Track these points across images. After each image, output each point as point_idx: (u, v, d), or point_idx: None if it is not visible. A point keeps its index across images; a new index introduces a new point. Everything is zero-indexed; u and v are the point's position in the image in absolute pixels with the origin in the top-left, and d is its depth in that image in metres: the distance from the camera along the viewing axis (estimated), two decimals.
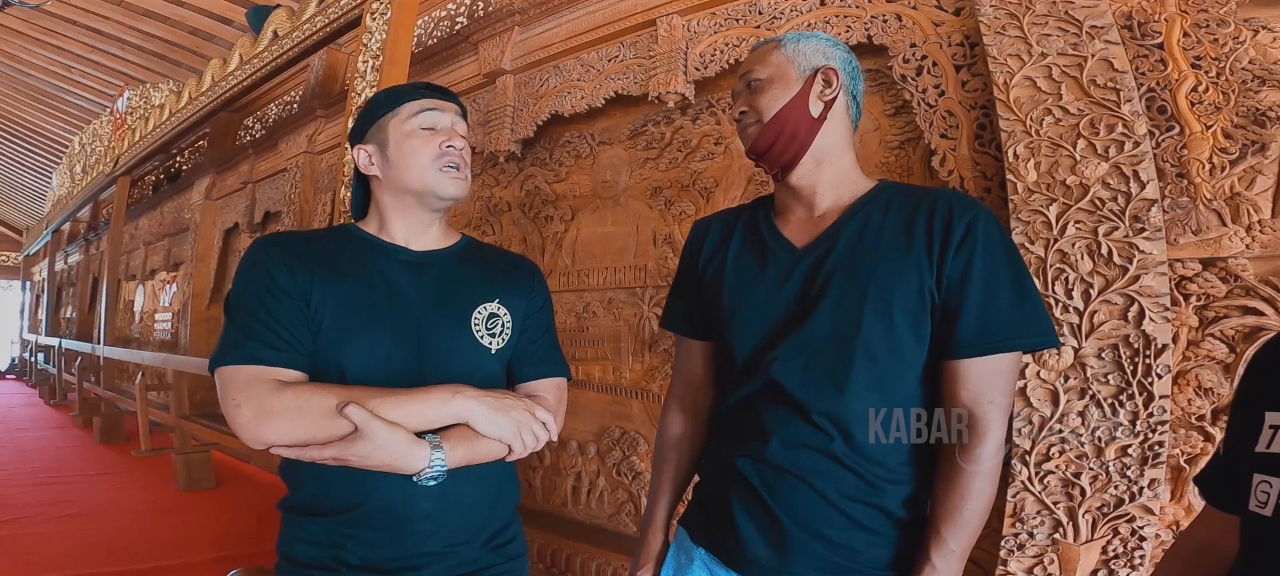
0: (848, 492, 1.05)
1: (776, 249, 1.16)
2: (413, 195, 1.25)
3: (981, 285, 1.01)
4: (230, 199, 5.88)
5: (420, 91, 1.28)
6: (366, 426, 1.05)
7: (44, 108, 10.33)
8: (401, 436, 1.08)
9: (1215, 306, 1.56)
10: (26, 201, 15.06)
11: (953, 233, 1.03)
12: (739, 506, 1.11)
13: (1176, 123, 1.63)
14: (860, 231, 1.10)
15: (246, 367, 1.08)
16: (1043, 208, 1.66)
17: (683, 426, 1.33)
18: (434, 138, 1.25)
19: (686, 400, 1.33)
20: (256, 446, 1.07)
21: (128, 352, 6.72)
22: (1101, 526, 1.56)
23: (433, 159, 1.24)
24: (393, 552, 1.14)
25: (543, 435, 1.21)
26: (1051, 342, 1.04)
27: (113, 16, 6.97)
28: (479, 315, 1.26)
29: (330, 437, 1.05)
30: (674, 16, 2.58)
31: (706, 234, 1.28)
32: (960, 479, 1.01)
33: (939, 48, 1.99)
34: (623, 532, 2.62)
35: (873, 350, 1.04)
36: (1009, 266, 1.03)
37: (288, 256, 1.18)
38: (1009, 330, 1.01)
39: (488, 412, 1.15)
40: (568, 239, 2.96)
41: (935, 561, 1.01)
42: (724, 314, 1.18)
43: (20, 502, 4.17)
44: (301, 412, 1.05)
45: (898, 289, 1.04)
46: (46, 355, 10.93)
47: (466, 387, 1.15)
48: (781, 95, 1.13)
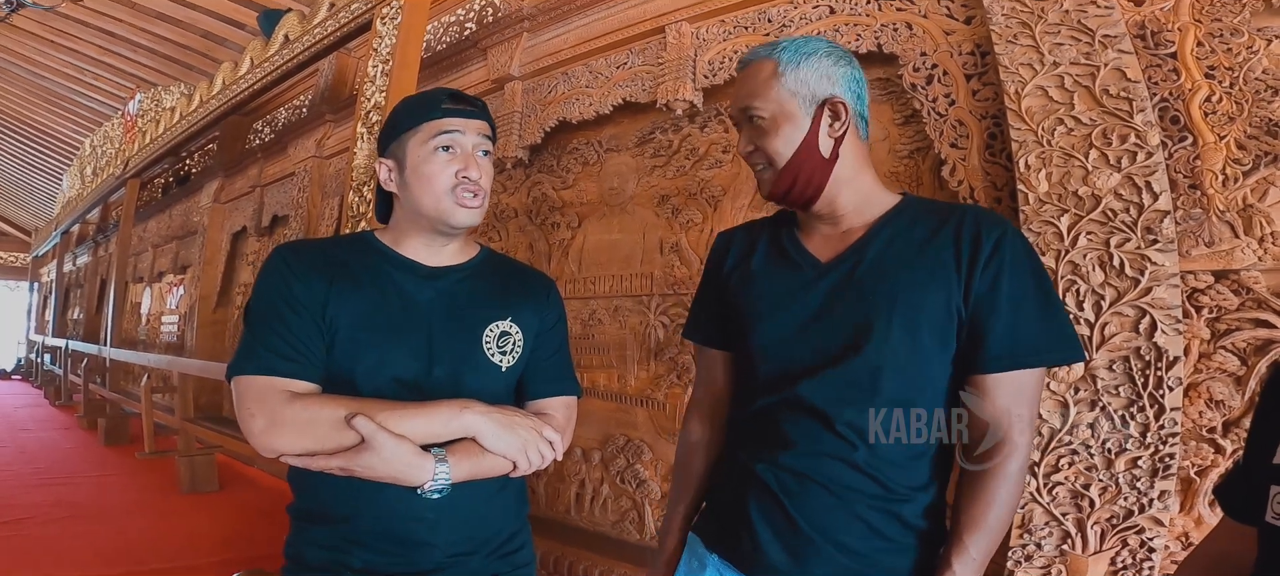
0: (869, 500, 1.04)
1: (801, 262, 1.15)
2: (427, 219, 1.23)
3: (1010, 300, 1.02)
4: (238, 202, 5.91)
5: (445, 107, 1.22)
6: (373, 438, 1.06)
7: (56, 110, 10.39)
8: (407, 449, 1.08)
9: (1227, 319, 1.54)
10: (36, 203, 15.14)
11: (981, 249, 1.03)
12: (757, 511, 1.10)
13: (1189, 133, 1.62)
14: (886, 246, 1.10)
15: (260, 378, 1.10)
16: (1054, 218, 1.65)
17: (703, 433, 1.32)
18: (452, 162, 1.20)
19: (707, 408, 1.32)
20: (268, 454, 1.10)
21: (134, 354, 6.74)
22: (1110, 538, 1.54)
23: (448, 187, 1.20)
24: (395, 560, 1.13)
25: (548, 454, 1.20)
26: (1078, 357, 1.08)
27: (125, 19, 7.01)
28: (491, 333, 1.25)
29: (338, 447, 1.07)
30: (683, 24, 2.58)
31: (730, 245, 1.28)
32: (987, 487, 1.02)
33: (949, 56, 1.99)
34: (626, 540, 2.60)
35: (899, 363, 1.04)
36: (1036, 282, 1.04)
37: (304, 266, 1.19)
38: (1037, 344, 1.02)
39: (495, 429, 1.15)
40: (574, 246, 2.96)
41: (956, 567, 1.01)
42: (747, 324, 1.17)
43: (24, 503, 4.17)
44: (311, 423, 1.07)
45: (925, 303, 1.04)
46: (53, 356, 10.96)
47: (475, 403, 1.15)
48: (791, 137, 1.10)
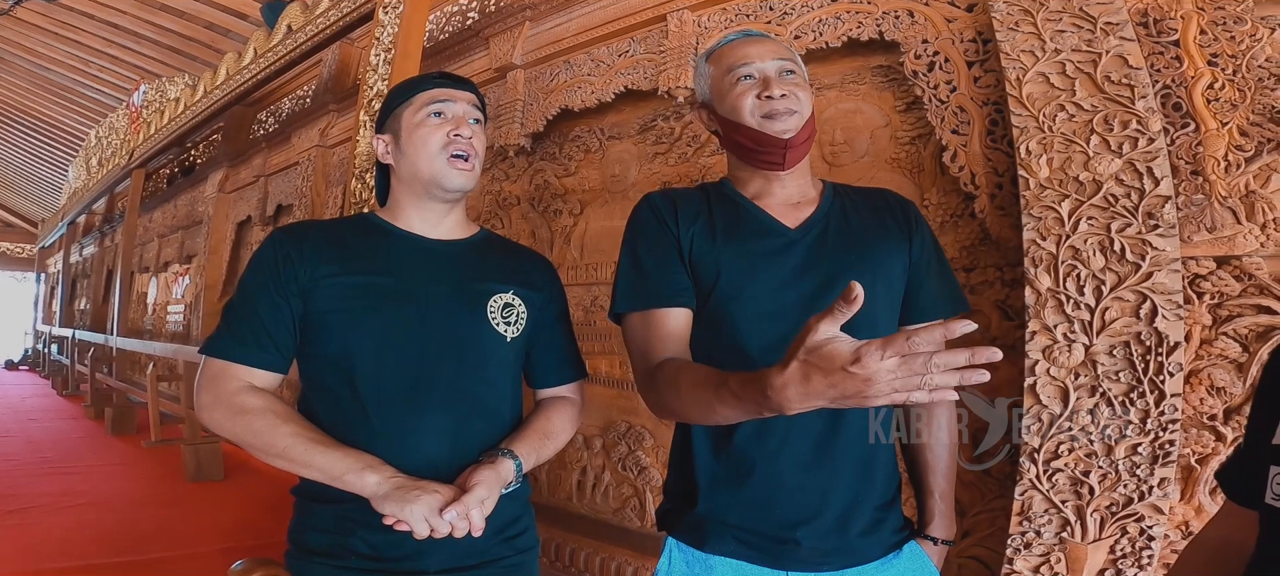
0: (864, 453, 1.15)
1: (770, 228, 1.17)
2: (422, 184, 1.26)
3: (934, 261, 1.23)
4: (243, 192, 5.93)
5: (434, 81, 1.30)
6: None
7: (61, 101, 10.44)
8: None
9: (1228, 305, 1.54)
10: (42, 194, 15.21)
11: (912, 220, 1.23)
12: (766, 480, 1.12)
13: (1192, 120, 1.62)
14: (843, 215, 1.20)
15: (219, 362, 1.16)
16: (1055, 204, 1.65)
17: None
18: (443, 126, 1.26)
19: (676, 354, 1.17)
20: (203, 424, 1.21)
21: (140, 344, 6.78)
22: (1110, 525, 1.54)
23: (440, 147, 1.24)
24: (398, 540, 1.13)
25: (461, 530, 1.09)
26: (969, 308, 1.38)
27: (130, 11, 7.04)
28: (494, 304, 1.26)
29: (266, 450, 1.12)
30: (685, 12, 2.57)
31: (676, 204, 1.20)
32: (946, 420, 1.25)
33: (951, 44, 1.98)
34: (627, 527, 2.61)
35: (878, 321, 1.12)
36: (939, 250, 1.27)
37: (295, 249, 1.20)
38: (956, 296, 1.25)
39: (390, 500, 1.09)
40: (576, 233, 2.96)
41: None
42: (721, 288, 1.14)
43: (31, 492, 4.20)
44: (249, 430, 1.13)
45: (891, 265, 1.18)
46: (59, 346, 11.02)
47: (383, 466, 1.11)
48: (810, 98, 1.20)
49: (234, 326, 1.18)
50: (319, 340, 1.18)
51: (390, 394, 1.17)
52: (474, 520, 1.08)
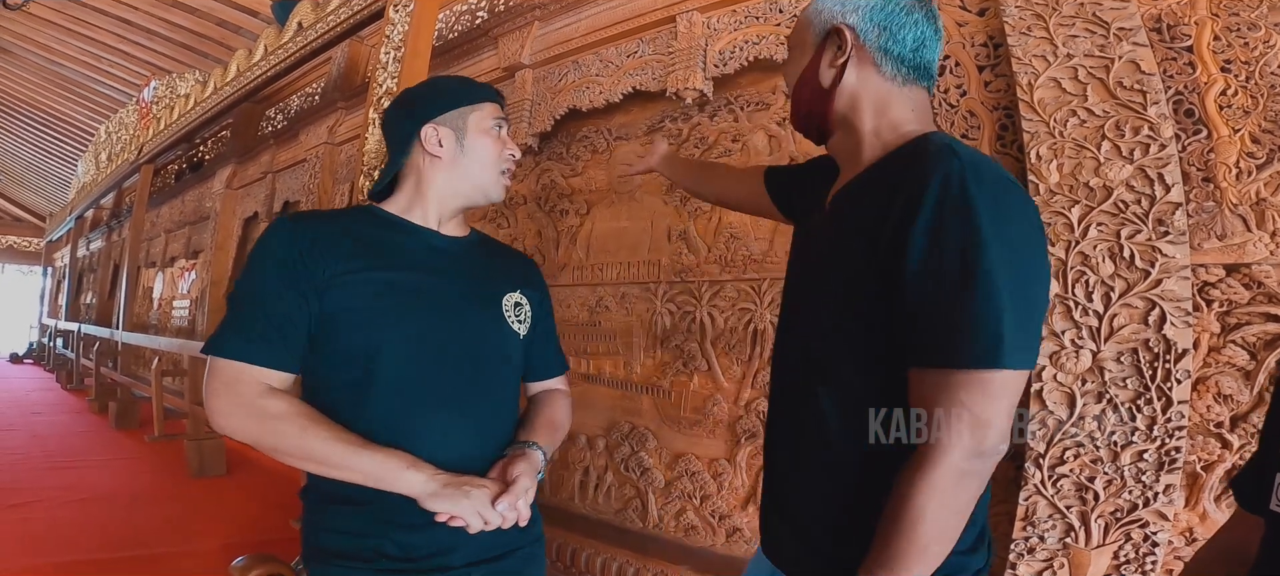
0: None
1: (818, 206, 1.12)
2: (468, 187, 1.32)
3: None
4: (251, 188, 5.94)
5: (494, 95, 1.38)
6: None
7: (72, 97, 10.47)
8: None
9: (1238, 313, 1.53)
10: (51, 188, 15.25)
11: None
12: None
13: (1204, 126, 1.61)
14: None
15: (234, 364, 1.11)
16: (1065, 209, 1.64)
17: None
18: (503, 145, 1.34)
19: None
20: (220, 431, 1.14)
21: (145, 338, 6.79)
22: (1114, 531, 1.53)
23: (496, 163, 1.33)
24: (428, 537, 1.14)
25: (512, 519, 1.15)
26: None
27: (142, 7, 7.07)
28: (508, 302, 1.32)
29: (298, 453, 1.10)
30: (694, 13, 2.57)
31: (822, 166, 1.20)
32: None
33: (962, 48, 1.98)
34: (629, 529, 2.60)
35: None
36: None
37: (308, 239, 1.17)
38: None
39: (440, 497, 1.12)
40: (582, 233, 2.96)
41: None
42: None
43: (34, 486, 4.20)
44: (280, 437, 1.09)
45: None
46: (65, 340, 11.05)
47: (425, 465, 1.13)
48: (797, 64, 1.09)
49: (245, 324, 1.12)
50: (335, 336, 1.15)
51: (415, 390, 1.17)
52: (522, 510, 1.15)
